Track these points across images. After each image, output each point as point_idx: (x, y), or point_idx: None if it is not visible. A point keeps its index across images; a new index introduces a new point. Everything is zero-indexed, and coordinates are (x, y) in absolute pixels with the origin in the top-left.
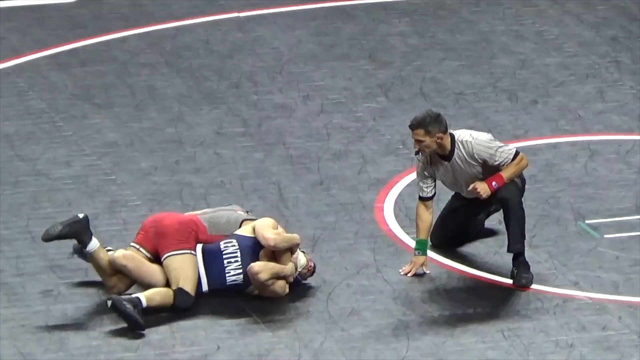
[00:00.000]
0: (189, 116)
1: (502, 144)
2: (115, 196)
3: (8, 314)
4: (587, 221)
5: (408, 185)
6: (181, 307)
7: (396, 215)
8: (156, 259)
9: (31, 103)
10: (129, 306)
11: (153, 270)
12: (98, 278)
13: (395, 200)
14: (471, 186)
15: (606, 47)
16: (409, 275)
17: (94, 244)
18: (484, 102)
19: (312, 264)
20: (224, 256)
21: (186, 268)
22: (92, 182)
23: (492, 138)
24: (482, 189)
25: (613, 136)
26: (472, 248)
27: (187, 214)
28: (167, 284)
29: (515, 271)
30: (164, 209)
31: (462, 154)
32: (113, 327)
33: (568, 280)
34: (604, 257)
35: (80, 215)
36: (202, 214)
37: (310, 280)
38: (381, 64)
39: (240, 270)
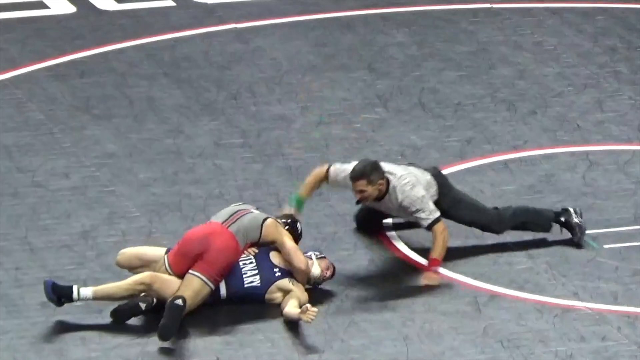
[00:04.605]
0: (188, 127)
1: (427, 207)
2: (114, 207)
3: (7, 326)
4: (586, 231)
5: None
6: (170, 311)
7: (395, 226)
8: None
9: (30, 114)
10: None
11: (173, 284)
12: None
13: None
14: (423, 283)
15: (605, 57)
16: None
17: (83, 292)
18: (482, 112)
19: (328, 273)
20: (240, 259)
21: (199, 299)
22: (90, 193)
23: (424, 198)
24: (431, 280)
25: (612, 146)
26: (471, 259)
27: (212, 223)
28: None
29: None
30: (162, 220)
31: (392, 200)
32: (112, 338)
33: (567, 291)
34: (603, 268)
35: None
36: (229, 225)
37: (309, 291)
38: (380, 74)
39: (257, 272)
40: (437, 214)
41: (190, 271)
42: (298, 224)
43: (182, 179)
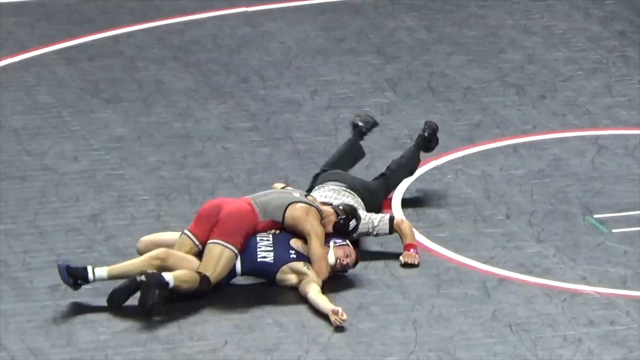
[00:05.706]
0: (197, 111)
1: (376, 219)
2: (123, 191)
3: (16, 309)
4: (595, 216)
5: (416, 180)
6: (199, 294)
7: (404, 210)
8: (204, 246)
9: (39, 98)
10: (154, 296)
11: (188, 261)
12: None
13: (403, 194)
14: (402, 262)
15: (614, 41)
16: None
17: (98, 273)
18: (492, 96)
19: (348, 260)
20: (258, 234)
21: (223, 263)
22: (99, 176)
23: (368, 217)
24: (411, 258)
25: (621, 131)
26: (480, 243)
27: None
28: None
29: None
30: (171, 203)
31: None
32: (121, 322)
33: (576, 275)
34: (611, 252)
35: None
36: (256, 196)
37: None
38: (389, 58)
39: (271, 248)
40: (387, 216)
41: (208, 242)
42: (352, 222)
43: (191, 162)
